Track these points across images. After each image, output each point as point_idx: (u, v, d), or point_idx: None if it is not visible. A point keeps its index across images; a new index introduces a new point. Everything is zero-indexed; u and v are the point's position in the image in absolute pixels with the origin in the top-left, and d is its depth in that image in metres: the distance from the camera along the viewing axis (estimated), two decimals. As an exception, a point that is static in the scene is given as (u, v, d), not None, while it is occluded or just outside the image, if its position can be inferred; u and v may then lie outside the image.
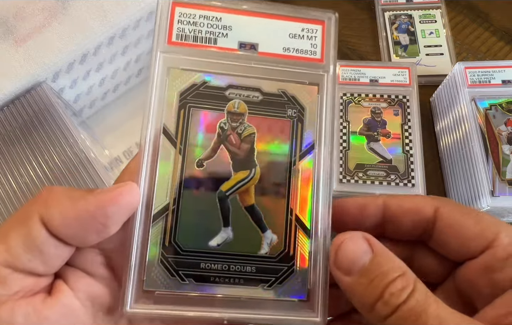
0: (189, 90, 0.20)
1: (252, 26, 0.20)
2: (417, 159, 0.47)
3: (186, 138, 0.19)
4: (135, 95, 0.56)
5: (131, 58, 0.52)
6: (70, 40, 0.44)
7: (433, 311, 0.15)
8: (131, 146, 0.53)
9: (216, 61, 0.20)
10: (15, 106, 0.43)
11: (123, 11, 0.46)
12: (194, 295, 0.18)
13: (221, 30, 0.20)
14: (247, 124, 0.20)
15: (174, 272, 0.18)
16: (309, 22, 0.21)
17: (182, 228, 0.19)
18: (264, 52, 0.20)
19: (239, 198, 0.19)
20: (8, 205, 0.39)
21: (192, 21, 0.20)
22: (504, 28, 0.58)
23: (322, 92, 0.20)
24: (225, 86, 0.20)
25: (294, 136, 0.20)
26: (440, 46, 0.56)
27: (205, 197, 0.19)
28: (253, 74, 0.20)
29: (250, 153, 0.19)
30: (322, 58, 0.20)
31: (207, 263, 0.18)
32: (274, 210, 0.19)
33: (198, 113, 0.19)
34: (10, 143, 0.41)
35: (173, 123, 0.19)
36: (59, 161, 0.40)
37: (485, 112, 0.43)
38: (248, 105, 0.20)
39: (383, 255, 0.17)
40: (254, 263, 0.19)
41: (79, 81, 0.49)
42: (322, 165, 0.19)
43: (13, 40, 0.44)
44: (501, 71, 0.45)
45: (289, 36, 0.20)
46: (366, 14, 0.61)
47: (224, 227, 0.19)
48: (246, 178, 0.19)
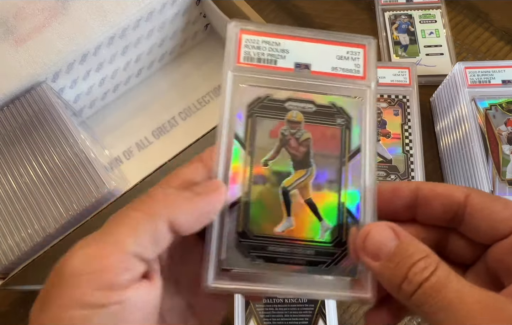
0: (254, 102, 0.24)
1: (305, 50, 0.25)
2: (417, 159, 0.47)
3: (253, 142, 0.23)
4: (135, 95, 0.56)
5: (131, 58, 0.52)
6: (70, 40, 0.44)
7: (454, 286, 0.17)
8: (131, 146, 0.53)
9: (277, 79, 0.24)
10: (15, 106, 0.43)
11: (123, 11, 0.46)
12: (264, 273, 0.22)
13: (280, 53, 0.24)
14: (304, 131, 0.23)
15: (247, 253, 0.22)
16: (353, 46, 0.25)
17: (252, 217, 0.22)
18: (316, 71, 0.24)
19: (298, 192, 0.23)
20: (8, 205, 0.39)
21: (256, 46, 0.24)
22: (504, 28, 0.58)
23: (365, 104, 0.24)
24: (284, 99, 0.24)
25: (343, 141, 0.23)
26: (440, 46, 0.56)
27: (270, 191, 0.23)
28: (307, 89, 0.24)
29: (307, 154, 0.23)
30: (365, 75, 0.24)
31: (273, 247, 0.22)
32: (328, 203, 0.23)
33: (263, 121, 0.23)
34: (10, 143, 0.41)
35: (242, 129, 0.23)
36: (59, 161, 0.41)
37: (485, 112, 0.43)
38: (304, 114, 0.24)
39: (408, 241, 0.19)
40: (313, 247, 0.22)
41: (79, 81, 0.49)
42: (368, 165, 0.23)
43: (13, 40, 0.44)
44: (501, 71, 0.45)
45: (336, 58, 0.25)
46: (366, 14, 0.61)
47: (287, 216, 0.22)
48: (304, 176, 0.23)
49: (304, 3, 0.63)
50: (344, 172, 0.23)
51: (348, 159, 0.23)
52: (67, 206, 0.39)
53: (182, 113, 0.55)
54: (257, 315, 0.37)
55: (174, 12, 0.51)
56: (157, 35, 0.52)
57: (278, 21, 0.61)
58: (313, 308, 0.38)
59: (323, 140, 0.23)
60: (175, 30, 0.54)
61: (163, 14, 0.50)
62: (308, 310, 0.38)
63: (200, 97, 0.55)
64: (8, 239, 0.38)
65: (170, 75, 0.57)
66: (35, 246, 0.38)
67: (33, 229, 0.38)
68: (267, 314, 0.37)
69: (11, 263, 0.37)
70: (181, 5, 0.51)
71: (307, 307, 0.38)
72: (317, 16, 0.62)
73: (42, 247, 0.38)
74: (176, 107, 0.55)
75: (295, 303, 0.38)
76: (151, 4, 0.47)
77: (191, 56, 0.58)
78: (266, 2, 0.63)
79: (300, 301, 0.38)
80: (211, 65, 0.57)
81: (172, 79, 0.57)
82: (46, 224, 0.38)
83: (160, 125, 0.54)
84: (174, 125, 0.54)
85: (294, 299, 0.38)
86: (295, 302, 0.38)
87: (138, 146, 0.53)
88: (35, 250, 0.38)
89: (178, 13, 0.52)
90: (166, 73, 0.57)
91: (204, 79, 0.56)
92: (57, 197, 0.39)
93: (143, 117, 0.55)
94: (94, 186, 0.39)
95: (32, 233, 0.38)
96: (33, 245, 0.38)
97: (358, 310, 0.42)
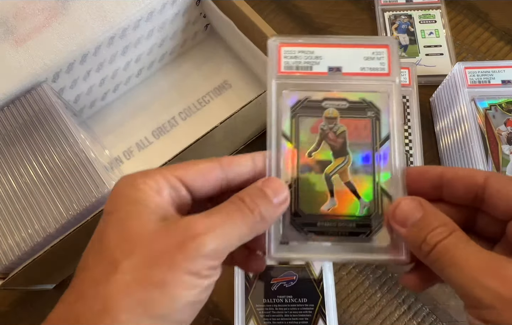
0: (296, 104, 0.28)
1: (336, 55, 0.28)
2: (417, 159, 0.47)
3: (298, 138, 0.27)
4: (135, 95, 0.56)
5: (131, 58, 0.52)
6: (70, 40, 0.44)
7: (462, 248, 0.20)
8: (131, 146, 0.53)
9: (313, 82, 0.28)
10: (15, 106, 0.43)
11: (123, 11, 0.46)
12: (314, 244, 0.26)
13: (315, 60, 0.28)
14: (339, 125, 0.27)
15: (300, 229, 0.26)
16: (378, 47, 0.28)
17: (302, 199, 0.26)
18: (347, 72, 0.28)
19: (339, 176, 0.27)
20: (8, 205, 0.39)
21: (294, 55, 0.28)
22: (504, 28, 0.58)
23: (391, 97, 0.27)
24: (321, 99, 0.28)
25: (374, 130, 0.27)
26: (440, 46, 0.56)
27: (315, 177, 0.27)
28: (340, 89, 0.28)
29: (344, 144, 0.27)
30: (389, 72, 0.28)
31: (321, 223, 0.26)
32: (365, 184, 0.26)
33: (304, 120, 0.27)
34: (11, 143, 0.41)
35: (288, 128, 0.27)
36: (59, 161, 0.41)
37: (484, 112, 0.43)
38: (339, 111, 0.27)
39: (431, 212, 0.22)
40: (354, 221, 0.26)
41: (79, 81, 0.49)
42: (397, 149, 0.27)
43: (13, 40, 0.44)
44: (501, 71, 0.45)
45: (364, 59, 0.28)
46: (366, 14, 0.61)
47: (331, 197, 0.26)
48: (342, 163, 0.27)
49: (304, 3, 0.63)
50: (377, 157, 0.27)
51: (379, 145, 0.27)
52: (67, 206, 0.39)
53: (182, 113, 0.55)
54: (257, 315, 0.37)
55: (174, 12, 0.51)
56: (157, 35, 0.52)
57: (278, 21, 0.61)
58: (313, 308, 0.38)
59: (357, 131, 0.27)
60: (175, 30, 0.54)
61: (163, 14, 0.50)
62: (308, 310, 0.38)
63: (200, 97, 0.55)
64: (8, 239, 0.38)
65: (170, 75, 0.57)
66: (35, 246, 0.38)
67: (33, 229, 0.38)
68: (267, 314, 0.37)
69: (11, 263, 0.37)
70: (181, 5, 0.51)
71: (307, 307, 0.38)
72: (317, 16, 0.62)
73: (42, 247, 0.38)
74: (176, 107, 0.55)
75: (295, 303, 0.38)
76: (151, 4, 0.47)
77: (191, 56, 0.58)
78: (266, 2, 0.63)
79: (300, 301, 0.38)
80: (211, 65, 0.57)
81: (172, 79, 0.57)
82: (46, 224, 0.38)
83: (160, 125, 0.54)
84: (174, 125, 0.54)
85: (294, 299, 0.38)
86: (295, 302, 0.38)
87: (138, 146, 0.53)
88: (35, 250, 0.38)
89: (178, 13, 0.52)
90: (166, 73, 0.57)
91: (204, 79, 0.56)
92: (57, 197, 0.39)
93: (143, 117, 0.55)
94: (94, 186, 0.39)
95: (32, 233, 0.38)
96: (33, 245, 0.38)
97: (358, 310, 0.42)
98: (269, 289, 0.38)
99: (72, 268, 0.26)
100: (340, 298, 0.43)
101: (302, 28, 0.61)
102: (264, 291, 0.38)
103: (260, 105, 0.45)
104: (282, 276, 0.39)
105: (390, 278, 0.44)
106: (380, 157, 0.27)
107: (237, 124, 0.45)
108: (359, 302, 0.43)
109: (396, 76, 0.28)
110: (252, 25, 0.47)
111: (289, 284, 0.38)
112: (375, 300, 0.43)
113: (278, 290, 0.38)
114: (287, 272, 0.39)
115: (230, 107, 0.54)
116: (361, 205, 0.26)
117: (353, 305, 0.43)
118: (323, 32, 0.60)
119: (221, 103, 0.55)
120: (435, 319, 0.42)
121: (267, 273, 0.39)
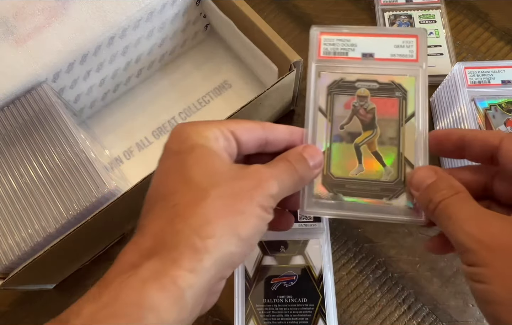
0: (332, 84, 0.32)
1: (370, 42, 0.32)
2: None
3: (332, 112, 0.31)
4: (135, 95, 0.56)
5: (131, 58, 0.52)
6: (70, 40, 0.44)
7: (460, 205, 0.24)
8: (131, 146, 0.53)
9: (348, 66, 0.32)
10: (15, 106, 0.43)
11: (123, 11, 0.46)
12: (343, 202, 0.30)
13: (350, 47, 0.32)
14: (370, 103, 0.31)
15: (330, 189, 0.30)
16: (408, 36, 0.32)
17: (333, 164, 0.30)
18: (378, 58, 0.32)
19: (367, 146, 0.30)
20: (8, 205, 0.39)
21: (332, 43, 0.33)
22: (504, 28, 0.58)
23: (418, 80, 0.31)
24: (354, 80, 0.32)
25: (401, 108, 0.31)
26: (440, 46, 0.56)
27: (346, 146, 0.31)
28: (372, 72, 0.32)
29: (373, 119, 0.31)
30: (417, 58, 0.31)
31: (350, 185, 0.30)
32: (390, 154, 0.30)
33: (339, 97, 0.31)
34: (11, 143, 0.41)
35: (324, 104, 0.31)
36: (59, 161, 0.41)
37: (484, 112, 0.43)
38: (370, 91, 0.31)
39: (443, 178, 0.25)
40: (379, 185, 0.30)
41: (79, 81, 0.49)
42: (421, 126, 0.30)
43: (13, 40, 0.44)
44: (501, 71, 0.45)
45: (394, 46, 0.32)
46: (366, 14, 0.61)
47: (359, 164, 0.30)
48: (371, 135, 0.31)
49: (304, 3, 0.63)
50: (402, 131, 0.30)
51: (405, 121, 0.30)
52: (67, 206, 0.39)
53: (182, 113, 0.55)
54: (257, 315, 0.37)
55: (174, 13, 0.51)
56: (157, 35, 0.52)
57: (278, 21, 0.61)
58: (313, 307, 0.38)
59: (385, 108, 0.31)
60: (175, 30, 0.54)
61: (163, 14, 0.50)
62: (308, 310, 0.38)
63: (200, 97, 0.55)
64: (8, 239, 0.38)
65: (170, 75, 0.57)
66: (35, 246, 0.38)
67: (33, 229, 0.38)
68: (267, 314, 0.37)
69: (11, 263, 0.37)
70: (181, 6, 0.51)
71: (307, 307, 0.38)
72: (317, 16, 0.62)
73: (42, 247, 0.38)
74: (176, 107, 0.55)
75: (295, 303, 0.38)
76: (151, 4, 0.47)
77: (191, 56, 0.58)
78: (266, 2, 0.63)
79: (300, 301, 0.38)
80: (211, 65, 0.57)
81: (172, 79, 0.57)
82: (46, 224, 0.38)
83: (160, 125, 0.54)
84: (174, 125, 0.54)
85: (294, 299, 0.38)
86: (295, 302, 0.38)
87: (138, 146, 0.53)
88: (35, 250, 0.38)
89: (178, 13, 0.52)
90: (166, 73, 0.57)
91: (204, 79, 0.56)
92: (57, 197, 0.39)
93: (143, 117, 0.55)
94: (94, 186, 0.39)
95: (32, 233, 0.38)
96: (33, 245, 0.38)
97: (357, 310, 0.42)
98: (269, 289, 0.38)
99: (72, 268, 0.26)
100: (340, 298, 0.43)
101: (302, 28, 0.61)
102: (264, 291, 0.38)
103: (260, 105, 0.45)
104: (282, 276, 0.39)
105: (390, 278, 0.44)
106: (405, 131, 0.30)
107: (237, 124, 0.45)
108: (359, 302, 0.43)
109: (423, 62, 0.31)
110: (252, 25, 0.47)
111: (289, 284, 0.38)
112: (375, 300, 0.43)
113: (278, 290, 0.38)
114: (287, 272, 0.39)
115: (230, 107, 0.54)
116: (385, 172, 0.30)
117: (353, 305, 0.43)
118: (323, 32, 0.60)
119: (221, 103, 0.55)
120: (435, 319, 0.42)
121: (267, 273, 0.39)
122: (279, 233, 0.33)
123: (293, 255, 0.40)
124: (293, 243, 0.40)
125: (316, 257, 0.39)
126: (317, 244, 0.40)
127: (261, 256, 0.40)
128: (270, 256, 0.40)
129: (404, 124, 0.31)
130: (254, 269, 0.39)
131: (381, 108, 0.31)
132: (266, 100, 0.45)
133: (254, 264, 0.39)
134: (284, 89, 0.47)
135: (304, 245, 0.40)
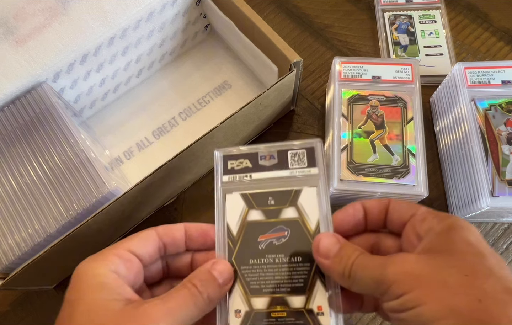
0: (351, 98, 0.46)
1: (378, 68, 0.47)
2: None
3: (352, 117, 0.45)
4: (136, 95, 0.56)
5: (131, 59, 0.52)
6: (70, 40, 0.44)
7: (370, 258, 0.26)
8: (131, 146, 0.53)
9: (362, 85, 0.47)
10: (15, 106, 0.43)
11: (124, 11, 0.46)
12: (362, 181, 0.42)
13: (362, 71, 0.47)
14: (379, 110, 0.45)
15: (353, 171, 0.42)
16: (405, 65, 0.47)
17: (354, 153, 0.43)
18: (384, 79, 0.46)
19: (379, 141, 0.44)
20: (9, 205, 0.39)
21: (349, 68, 0.47)
22: (504, 29, 0.58)
23: (414, 95, 0.45)
24: (367, 95, 0.46)
25: (403, 114, 0.45)
26: (440, 46, 0.56)
27: (363, 141, 0.44)
28: (380, 89, 0.46)
29: (383, 122, 0.44)
30: (412, 80, 0.46)
31: (367, 168, 0.43)
32: (397, 146, 0.43)
33: (357, 106, 0.46)
34: (11, 143, 0.42)
35: (346, 111, 0.45)
36: (59, 161, 0.41)
37: (484, 112, 0.43)
38: (379, 102, 0.45)
39: (346, 245, 0.28)
40: (390, 169, 0.42)
41: (79, 81, 0.49)
42: (418, 125, 0.44)
43: (13, 40, 0.44)
44: (501, 72, 0.45)
45: (395, 71, 0.47)
46: (366, 14, 0.61)
47: (373, 153, 0.43)
48: (381, 133, 0.44)
49: (304, 3, 0.63)
50: (404, 130, 0.44)
51: (406, 122, 0.44)
52: (67, 206, 0.39)
53: (182, 113, 0.55)
54: (242, 279, 0.31)
55: (174, 13, 0.51)
56: (157, 36, 0.52)
57: (278, 21, 0.62)
58: (308, 267, 0.31)
59: (391, 114, 0.45)
60: (175, 30, 0.54)
61: (163, 14, 0.50)
62: (303, 270, 0.31)
63: (200, 97, 0.55)
64: (9, 239, 0.38)
65: (170, 75, 0.57)
66: (36, 246, 0.38)
67: (34, 229, 0.38)
68: (254, 277, 0.31)
69: (11, 263, 0.37)
70: (181, 6, 0.51)
71: (301, 267, 0.31)
72: (317, 16, 0.62)
73: (42, 247, 0.38)
74: (176, 107, 0.55)
75: (287, 263, 0.31)
76: (151, 5, 0.47)
77: (191, 56, 0.58)
78: (266, 2, 0.63)
79: (294, 260, 0.31)
80: (211, 65, 0.57)
81: (172, 79, 0.57)
82: (46, 224, 0.38)
83: (160, 125, 0.54)
84: (174, 125, 0.54)
85: (286, 258, 0.31)
86: (287, 262, 0.31)
87: (138, 146, 0.53)
88: (35, 250, 0.38)
89: (178, 13, 0.52)
90: (166, 73, 0.57)
91: (204, 79, 0.56)
92: (57, 197, 0.39)
93: (143, 117, 0.55)
94: (95, 186, 0.39)
95: (32, 233, 0.38)
96: (34, 245, 0.38)
97: (358, 310, 0.42)
98: (256, 248, 0.31)
99: (72, 268, 0.26)
100: (340, 298, 0.43)
101: (302, 28, 0.61)
102: (250, 251, 0.31)
103: (260, 105, 0.45)
104: (271, 232, 0.32)
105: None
106: (407, 130, 0.44)
107: (237, 124, 0.45)
108: (359, 302, 0.43)
109: (417, 82, 0.46)
110: (252, 25, 0.47)
111: (280, 241, 0.32)
112: (375, 300, 0.43)
113: (266, 249, 0.31)
114: (277, 227, 0.32)
115: (230, 107, 0.54)
116: (394, 159, 0.43)
117: (353, 305, 0.43)
118: (322, 32, 0.60)
119: (221, 103, 0.55)
120: (435, 319, 0.41)
121: (253, 229, 0.32)
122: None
123: (284, 208, 0.32)
124: (283, 193, 0.33)
125: (312, 208, 0.32)
126: (312, 193, 0.33)
127: (246, 210, 0.32)
128: (257, 209, 0.32)
129: (406, 125, 0.44)
130: (238, 225, 0.32)
131: (388, 114, 0.45)
132: (266, 100, 0.45)
133: (238, 219, 0.32)
134: (284, 89, 0.47)
135: (297, 195, 0.33)
